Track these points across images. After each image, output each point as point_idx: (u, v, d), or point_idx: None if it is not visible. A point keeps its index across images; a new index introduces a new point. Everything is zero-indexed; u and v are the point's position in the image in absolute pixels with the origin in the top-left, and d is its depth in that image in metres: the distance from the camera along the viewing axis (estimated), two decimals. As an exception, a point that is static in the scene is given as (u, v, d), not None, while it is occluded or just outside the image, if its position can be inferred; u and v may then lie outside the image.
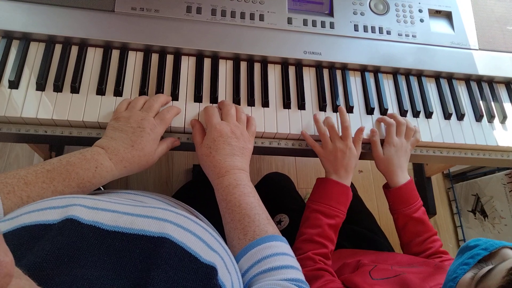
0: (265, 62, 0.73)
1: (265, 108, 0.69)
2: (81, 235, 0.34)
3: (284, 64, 0.74)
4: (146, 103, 0.60)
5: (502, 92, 0.82)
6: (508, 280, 0.34)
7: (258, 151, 0.68)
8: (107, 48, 0.67)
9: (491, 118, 0.78)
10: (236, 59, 0.72)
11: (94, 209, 0.38)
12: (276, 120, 0.69)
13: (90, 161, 0.51)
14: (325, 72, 0.75)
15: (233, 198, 0.53)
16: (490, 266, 0.38)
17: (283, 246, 0.48)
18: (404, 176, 0.71)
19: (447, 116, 0.76)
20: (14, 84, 0.61)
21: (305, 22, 0.74)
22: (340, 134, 0.68)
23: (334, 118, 0.71)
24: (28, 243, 0.32)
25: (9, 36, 0.64)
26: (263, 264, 0.44)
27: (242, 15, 0.72)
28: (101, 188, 0.54)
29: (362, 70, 0.77)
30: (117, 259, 0.33)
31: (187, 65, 0.70)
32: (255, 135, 0.66)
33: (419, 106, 0.76)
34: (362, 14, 0.77)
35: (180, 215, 0.41)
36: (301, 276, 0.45)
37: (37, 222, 0.35)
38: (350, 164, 0.68)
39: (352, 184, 0.74)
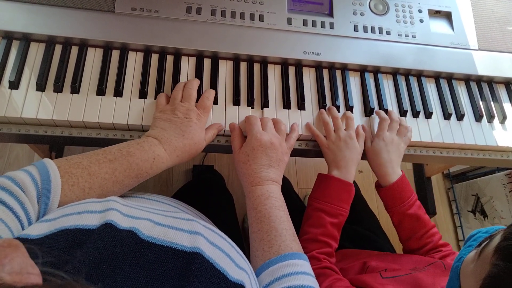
0: (265, 62, 0.73)
1: (265, 108, 0.69)
2: (121, 239, 0.35)
3: (284, 64, 0.74)
4: (184, 92, 0.62)
5: (502, 93, 0.82)
6: (507, 234, 0.36)
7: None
8: (107, 48, 0.67)
9: (490, 118, 0.78)
10: (236, 60, 0.72)
11: (129, 217, 0.38)
12: (276, 121, 0.69)
13: (148, 152, 0.52)
14: (325, 73, 0.75)
15: (263, 209, 0.54)
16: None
17: (305, 265, 0.48)
18: (395, 173, 0.69)
19: (446, 116, 0.76)
20: (14, 85, 0.61)
21: (305, 23, 0.74)
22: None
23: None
24: (70, 248, 0.32)
25: (9, 36, 0.64)
26: (284, 281, 0.44)
27: (242, 16, 0.72)
28: None
29: (362, 70, 0.77)
30: (150, 272, 0.33)
31: (187, 66, 0.70)
32: None
33: (419, 106, 0.76)
34: (362, 14, 0.77)
35: (208, 228, 0.42)
36: None
37: (77, 226, 0.35)
38: (352, 157, 0.67)
39: (355, 183, 0.74)
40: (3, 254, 0.21)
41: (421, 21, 0.79)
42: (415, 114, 0.75)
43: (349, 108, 0.73)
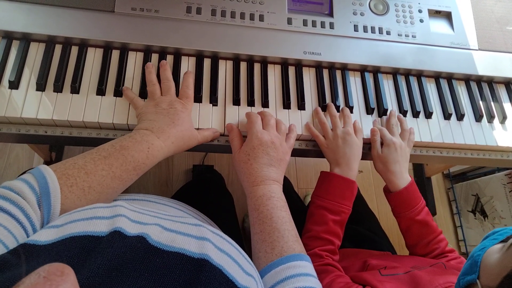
0: (265, 62, 0.73)
1: (265, 108, 0.69)
2: (130, 245, 0.34)
3: (284, 64, 0.74)
4: (162, 86, 0.63)
5: (502, 93, 0.82)
6: None
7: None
8: (107, 48, 0.67)
9: (490, 118, 0.78)
10: (236, 60, 0.72)
11: (138, 222, 0.38)
12: (276, 120, 0.69)
13: (141, 143, 0.52)
14: (325, 72, 0.75)
15: (265, 209, 0.53)
16: None
17: (307, 266, 0.48)
18: (404, 178, 0.69)
19: (447, 116, 0.76)
20: (14, 85, 0.61)
21: (305, 23, 0.74)
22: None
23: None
24: (79, 256, 0.32)
25: (9, 36, 0.64)
26: (286, 284, 0.44)
27: (242, 16, 0.72)
28: None
29: (362, 70, 0.77)
30: (157, 278, 0.32)
31: (187, 66, 0.70)
32: None
33: (419, 106, 0.76)
34: (362, 14, 0.77)
35: (216, 234, 0.41)
36: None
37: (85, 233, 0.35)
38: (353, 153, 0.66)
39: None
40: (55, 284, 0.20)
41: (421, 21, 0.79)
42: (415, 114, 0.75)
43: (349, 108, 0.73)
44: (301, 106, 0.71)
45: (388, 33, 0.77)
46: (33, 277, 0.20)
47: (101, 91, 0.64)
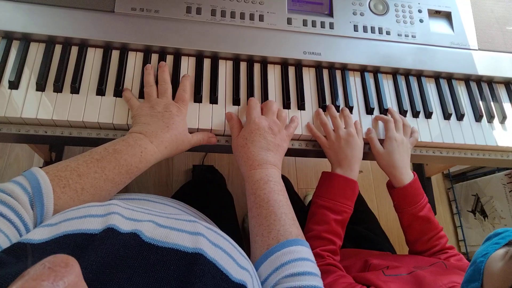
0: (265, 62, 0.73)
1: (265, 108, 0.69)
2: (123, 242, 0.34)
3: (284, 64, 0.74)
4: (159, 88, 0.63)
5: (502, 92, 0.82)
6: None
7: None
8: (107, 48, 0.67)
9: (490, 118, 0.78)
10: (236, 60, 0.72)
11: (132, 220, 0.38)
12: (276, 120, 0.69)
13: (134, 147, 0.52)
14: (325, 73, 0.75)
15: (263, 193, 0.54)
16: None
17: (304, 250, 0.47)
18: (408, 174, 0.69)
19: (446, 116, 0.76)
20: (14, 85, 0.61)
21: (304, 23, 0.74)
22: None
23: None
24: (73, 253, 0.32)
25: (9, 36, 0.64)
26: (283, 270, 0.44)
27: (242, 16, 0.72)
28: None
29: (362, 70, 0.77)
30: (152, 274, 0.33)
31: (187, 66, 0.70)
32: None
33: (419, 106, 0.76)
34: (361, 14, 0.77)
35: (210, 229, 0.42)
36: (320, 283, 0.45)
37: (79, 231, 0.35)
38: (355, 154, 0.66)
39: None
40: (59, 275, 0.20)
41: (421, 21, 0.79)
42: (415, 114, 0.75)
43: (349, 108, 0.73)
44: (301, 106, 0.71)
45: (388, 33, 0.77)
46: (38, 267, 0.20)
47: (101, 91, 0.64)
